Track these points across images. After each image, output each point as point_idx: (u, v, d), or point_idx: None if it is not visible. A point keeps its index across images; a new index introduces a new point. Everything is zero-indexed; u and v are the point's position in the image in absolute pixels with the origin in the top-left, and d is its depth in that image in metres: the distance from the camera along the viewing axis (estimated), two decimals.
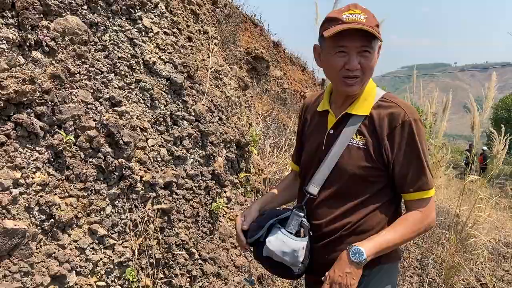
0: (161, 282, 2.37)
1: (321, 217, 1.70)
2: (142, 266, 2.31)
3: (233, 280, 2.92)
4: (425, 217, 1.61)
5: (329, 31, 1.51)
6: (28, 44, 1.94)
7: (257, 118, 5.63)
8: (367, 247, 1.52)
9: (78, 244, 2.03)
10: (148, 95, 2.52)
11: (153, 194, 2.41)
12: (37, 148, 1.92)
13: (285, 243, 1.64)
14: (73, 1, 2.17)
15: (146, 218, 2.32)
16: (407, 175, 1.60)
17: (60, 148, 1.98)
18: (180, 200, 2.60)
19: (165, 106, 2.61)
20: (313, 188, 1.71)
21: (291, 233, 1.67)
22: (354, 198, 1.66)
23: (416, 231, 1.61)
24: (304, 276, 1.85)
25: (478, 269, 4.83)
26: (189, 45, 3.12)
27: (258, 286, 3.14)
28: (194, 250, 2.65)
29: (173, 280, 2.47)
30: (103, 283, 2.13)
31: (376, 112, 1.62)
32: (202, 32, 3.57)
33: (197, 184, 2.75)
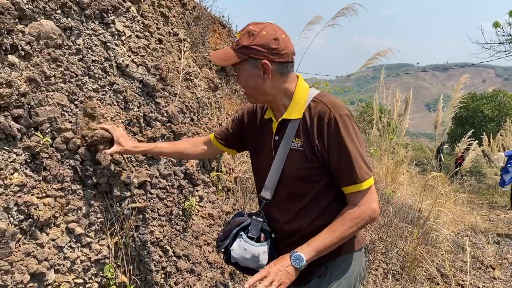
0: (137, 278, 2.44)
1: (279, 219, 1.79)
2: (118, 263, 2.38)
3: (206, 276, 3.01)
4: (363, 211, 1.63)
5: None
6: (4, 48, 1.97)
7: (227, 118, 5.71)
8: (307, 253, 1.57)
9: (56, 242, 2.08)
10: (122, 97, 2.59)
11: (128, 194, 2.48)
12: (14, 150, 1.96)
13: (246, 250, 1.74)
14: (47, 6, 2.21)
15: (121, 217, 2.39)
16: (339, 170, 1.65)
17: (37, 150, 2.03)
18: (154, 199, 2.67)
19: (138, 107, 2.68)
20: (267, 193, 1.79)
21: (252, 238, 1.76)
22: (304, 198, 1.72)
23: (354, 226, 1.63)
24: None
25: (439, 261, 5.08)
26: (160, 48, 3.19)
27: (230, 281, 3.25)
28: (168, 247, 2.73)
29: (148, 276, 2.55)
30: (81, 280, 2.19)
31: (308, 114, 1.69)
32: (172, 34, 3.64)
33: (170, 184, 2.83)
